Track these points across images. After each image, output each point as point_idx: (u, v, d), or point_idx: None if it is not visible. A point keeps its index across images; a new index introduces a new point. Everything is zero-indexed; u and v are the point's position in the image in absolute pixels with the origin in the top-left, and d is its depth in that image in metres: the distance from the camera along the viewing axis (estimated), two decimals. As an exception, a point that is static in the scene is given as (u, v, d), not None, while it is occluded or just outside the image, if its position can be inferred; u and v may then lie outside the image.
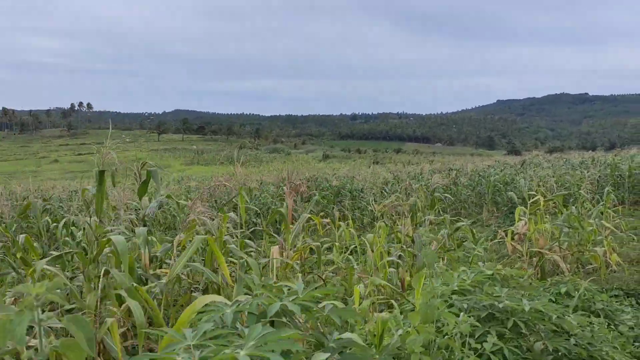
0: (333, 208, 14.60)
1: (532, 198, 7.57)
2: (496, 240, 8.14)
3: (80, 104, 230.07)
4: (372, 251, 5.58)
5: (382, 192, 16.88)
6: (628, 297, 6.94)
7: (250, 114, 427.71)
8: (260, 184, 19.62)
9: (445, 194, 10.56)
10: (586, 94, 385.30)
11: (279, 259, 5.37)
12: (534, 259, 7.36)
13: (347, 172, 26.07)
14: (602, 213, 8.96)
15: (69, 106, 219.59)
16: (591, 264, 7.90)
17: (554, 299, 5.04)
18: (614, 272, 8.05)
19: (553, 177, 16.79)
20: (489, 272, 4.09)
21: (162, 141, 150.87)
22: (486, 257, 7.13)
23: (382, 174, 22.59)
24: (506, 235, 7.49)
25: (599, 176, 17.02)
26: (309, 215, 7.67)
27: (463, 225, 6.37)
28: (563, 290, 5.05)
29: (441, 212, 16.89)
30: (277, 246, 5.70)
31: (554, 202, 8.27)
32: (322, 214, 12.52)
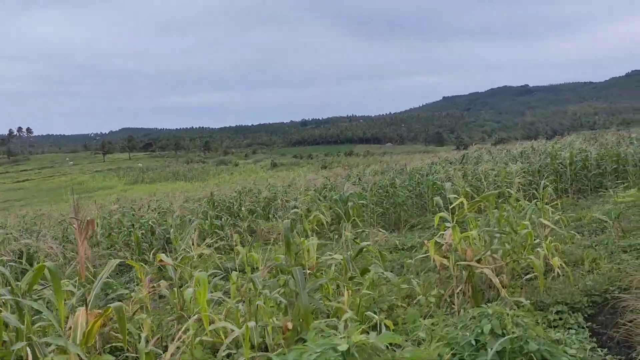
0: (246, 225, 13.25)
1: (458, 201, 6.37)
2: (421, 256, 6.89)
3: (20, 129, 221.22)
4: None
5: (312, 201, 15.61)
6: (574, 312, 5.80)
7: (199, 127, 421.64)
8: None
9: (361, 201, 9.38)
10: (527, 85, 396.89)
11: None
12: (464, 272, 6.16)
13: (284, 181, 24.72)
14: (540, 209, 7.85)
15: (7, 132, 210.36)
16: (530, 272, 6.77)
17: (474, 342, 3.78)
18: (559, 276, 6.95)
19: (493, 170, 15.87)
20: (343, 347, 2.78)
21: (108, 161, 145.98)
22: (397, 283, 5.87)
23: (319, 180, 21.31)
24: (431, 247, 6.24)
25: (539, 166, 16.17)
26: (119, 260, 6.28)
27: (366, 245, 5.05)
28: (486, 328, 3.79)
29: (371, 223, 15.82)
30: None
31: (485, 204, 7.10)
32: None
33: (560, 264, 6.50)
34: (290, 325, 4.02)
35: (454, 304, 6.09)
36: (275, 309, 4.45)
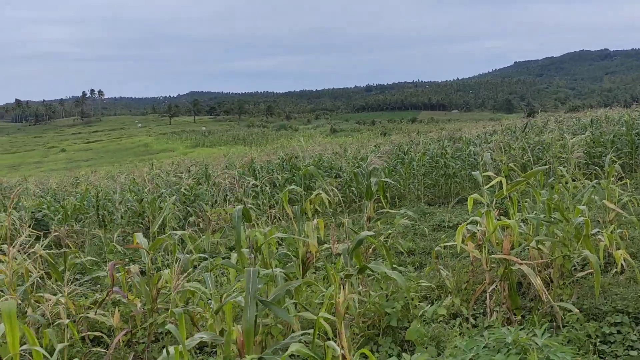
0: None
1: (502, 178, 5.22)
2: (448, 243, 5.80)
3: (92, 91, 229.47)
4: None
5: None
6: (637, 324, 4.60)
7: (264, 91, 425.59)
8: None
9: (387, 179, 8.29)
10: (606, 49, 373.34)
11: None
12: (500, 267, 5.05)
13: (333, 148, 23.70)
14: (604, 189, 6.52)
15: (81, 94, 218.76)
16: (586, 267, 5.57)
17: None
18: (622, 273, 5.72)
19: (559, 141, 14.25)
20: None
21: (174, 124, 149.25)
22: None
23: (369, 147, 20.17)
24: (458, 235, 5.14)
25: (614, 136, 14.41)
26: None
27: (365, 236, 3.99)
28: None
29: (418, 196, 14.60)
30: None
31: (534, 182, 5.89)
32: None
33: (625, 258, 5.24)
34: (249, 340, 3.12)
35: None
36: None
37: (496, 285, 5.06)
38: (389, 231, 5.58)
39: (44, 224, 9.77)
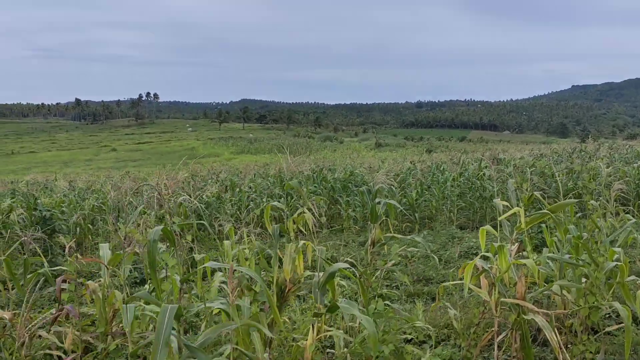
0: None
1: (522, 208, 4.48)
2: (453, 282, 5.07)
3: (148, 94, 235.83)
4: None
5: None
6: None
7: (314, 102, 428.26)
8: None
9: (392, 201, 7.61)
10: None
11: None
12: (512, 314, 4.31)
13: (372, 162, 23.01)
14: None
15: (137, 97, 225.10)
16: (617, 321, 4.74)
17: None
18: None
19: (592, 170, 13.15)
20: None
21: (223, 130, 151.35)
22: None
23: (406, 164, 19.40)
24: (467, 273, 4.42)
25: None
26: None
27: (337, 268, 3.30)
28: None
29: (450, 218, 13.73)
30: None
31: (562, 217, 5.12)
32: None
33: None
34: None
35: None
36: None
37: (507, 334, 4.32)
38: (384, 260, 4.90)
39: (50, 224, 9.47)
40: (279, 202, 12.59)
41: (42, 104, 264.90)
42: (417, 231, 12.77)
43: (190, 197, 13.74)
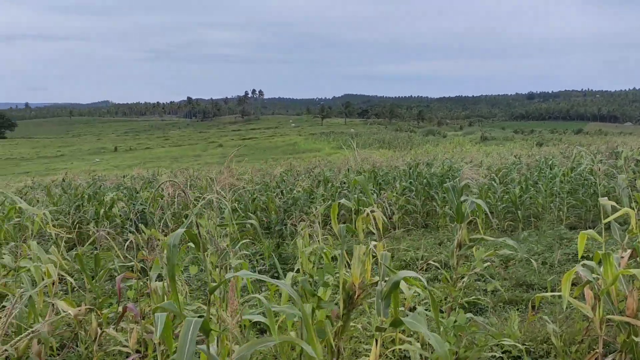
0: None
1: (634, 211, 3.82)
2: (546, 294, 4.43)
3: (254, 91, 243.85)
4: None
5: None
6: None
7: (418, 96, 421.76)
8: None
9: (479, 201, 6.75)
10: None
11: None
12: (621, 332, 3.66)
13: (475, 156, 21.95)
14: None
15: (243, 94, 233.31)
16: None
17: None
18: None
19: None
20: None
21: (325, 125, 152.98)
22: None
23: (510, 158, 18.24)
24: (564, 284, 3.81)
25: None
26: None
27: (401, 277, 2.83)
28: None
29: (559, 217, 12.58)
30: None
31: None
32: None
33: None
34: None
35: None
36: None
37: (614, 358, 3.67)
38: (465, 267, 4.37)
39: (144, 217, 9.73)
40: (365, 198, 12.18)
41: (158, 102, 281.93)
42: (521, 230, 11.87)
43: (283, 192, 13.75)
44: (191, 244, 2.66)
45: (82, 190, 13.50)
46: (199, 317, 2.14)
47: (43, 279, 4.13)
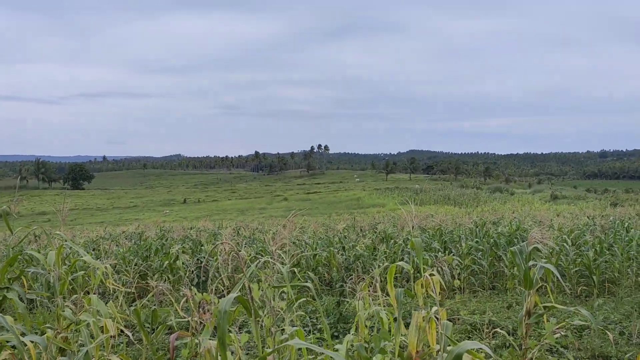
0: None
1: None
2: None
3: (319, 146, 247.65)
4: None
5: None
6: None
7: (484, 152, 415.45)
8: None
9: (549, 265, 6.24)
10: None
11: None
12: None
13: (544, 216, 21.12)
14: None
15: (309, 149, 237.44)
16: None
17: None
18: None
19: None
20: None
21: (390, 180, 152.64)
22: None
23: (583, 219, 17.39)
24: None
25: None
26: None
27: (465, 349, 2.56)
28: None
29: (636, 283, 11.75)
30: None
31: None
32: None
33: None
34: None
35: None
36: None
37: None
38: (535, 335, 4.09)
39: (206, 270, 9.81)
40: (429, 256, 11.86)
41: (226, 156, 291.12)
42: (596, 296, 11.14)
43: (345, 249, 13.62)
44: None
45: (150, 242, 13.88)
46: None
47: (102, 334, 4.17)
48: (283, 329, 3.14)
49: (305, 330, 7.27)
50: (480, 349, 2.67)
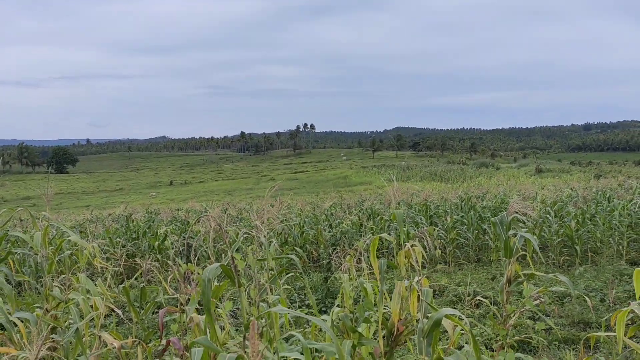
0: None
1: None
2: (600, 333, 4.20)
3: (305, 125, 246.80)
4: None
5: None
6: None
7: (470, 128, 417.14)
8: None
9: (528, 235, 6.35)
10: None
11: None
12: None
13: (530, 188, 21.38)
14: None
15: (295, 128, 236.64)
16: None
17: None
18: None
19: None
20: None
21: (376, 158, 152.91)
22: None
23: (566, 191, 17.65)
24: (619, 322, 3.61)
25: None
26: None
27: (442, 315, 2.65)
28: None
29: (618, 252, 12.00)
30: None
31: None
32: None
33: None
34: None
35: None
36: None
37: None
38: (516, 304, 4.22)
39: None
40: (415, 231, 12.03)
41: (212, 137, 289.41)
42: (578, 266, 11.39)
43: (332, 226, 13.73)
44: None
45: (138, 224, 13.89)
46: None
47: (91, 312, 4.22)
48: (265, 300, 3.21)
49: (293, 307, 7.38)
50: (459, 316, 2.76)
